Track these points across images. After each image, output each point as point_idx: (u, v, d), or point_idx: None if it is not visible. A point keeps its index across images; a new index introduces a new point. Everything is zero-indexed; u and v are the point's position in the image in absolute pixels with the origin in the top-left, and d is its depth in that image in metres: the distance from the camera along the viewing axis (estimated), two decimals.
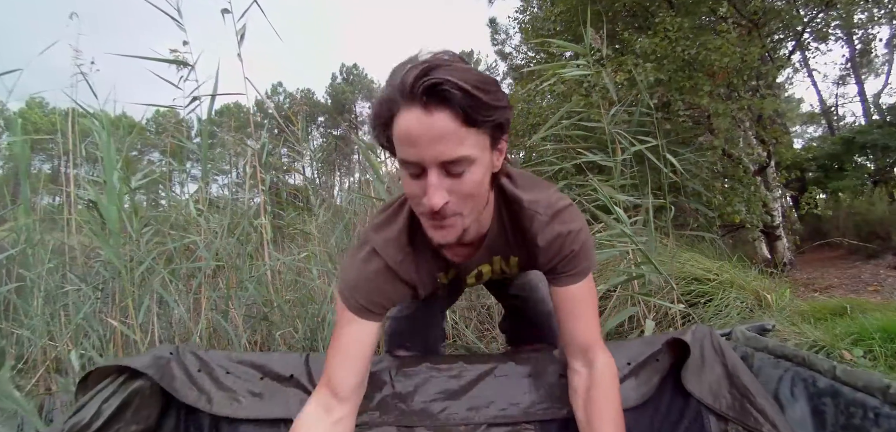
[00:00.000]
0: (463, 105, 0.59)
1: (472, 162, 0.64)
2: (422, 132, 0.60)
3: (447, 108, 0.59)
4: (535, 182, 0.83)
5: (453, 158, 0.62)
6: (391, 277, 0.81)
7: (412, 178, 0.66)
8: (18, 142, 1.88)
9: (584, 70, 2.16)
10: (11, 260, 1.90)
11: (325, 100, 31.55)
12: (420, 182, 0.65)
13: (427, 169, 0.63)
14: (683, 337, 0.90)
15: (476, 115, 0.60)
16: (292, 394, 0.99)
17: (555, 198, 0.80)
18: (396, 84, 0.61)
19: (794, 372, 0.78)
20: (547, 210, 0.78)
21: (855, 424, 0.64)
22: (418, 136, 0.61)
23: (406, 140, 0.62)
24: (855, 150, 7.57)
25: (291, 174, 4.69)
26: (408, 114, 0.61)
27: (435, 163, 0.62)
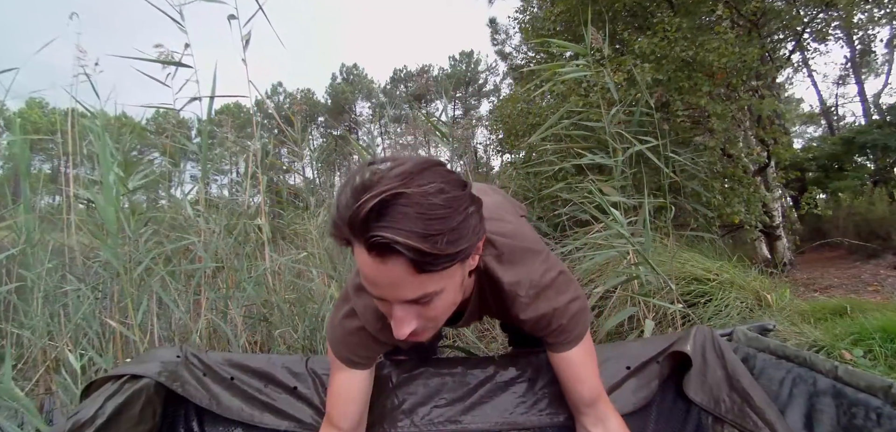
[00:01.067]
0: (415, 260, 0.52)
1: (439, 292, 0.59)
2: (376, 277, 0.56)
3: (397, 256, 0.52)
4: (520, 255, 0.77)
5: (416, 297, 0.58)
6: (371, 339, 0.80)
7: (379, 300, 0.62)
8: (18, 142, 1.88)
9: (583, 70, 2.16)
10: (11, 260, 1.90)
11: (325, 100, 31.54)
12: (385, 304, 0.61)
13: (390, 304, 0.60)
14: (685, 344, 0.90)
15: (429, 267, 0.53)
16: (294, 400, 0.99)
17: (538, 274, 0.75)
18: (346, 215, 0.53)
19: (795, 372, 0.78)
20: (529, 290, 0.74)
21: (857, 425, 0.64)
22: (375, 280, 0.56)
23: (364, 278, 0.58)
24: (855, 150, 7.57)
25: (291, 174, 4.69)
26: (360, 252, 0.55)
27: (397, 301, 0.59)
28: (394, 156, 0.58)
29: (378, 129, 21.53)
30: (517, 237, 0.79)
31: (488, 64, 29.97)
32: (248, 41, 1.89)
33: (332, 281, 2.06)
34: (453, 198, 0.54)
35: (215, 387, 1.00)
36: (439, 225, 0.52)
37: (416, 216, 0.51)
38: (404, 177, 0.52)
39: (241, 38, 1.87)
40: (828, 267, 5.09)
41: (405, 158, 0.56)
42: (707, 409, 0.83)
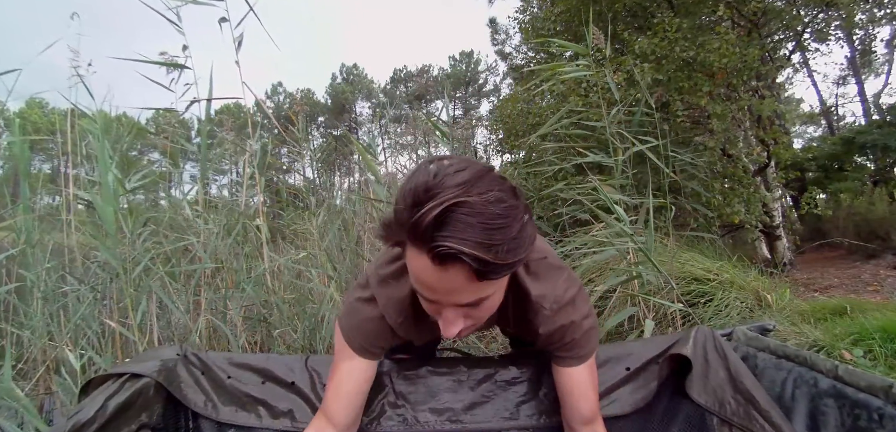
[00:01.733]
0: (476, 268, 0.53)
1: (490, 296, 0.62)
2: (434, 283, 0.57)
3: (460, 265, 0.53)
4: (546, 270, 0.80)
5: (470, 302, 0.61)
6: (388, 331, 0.81)
7: (427, 302, 0.64)
8: (18, 142, 1.87)
9: (584, 70, 2.16)
10: (11, 260, 1.90)
11: (325, 100, 31.55)
12: (435, 307, 0.63)
13: (440, 306, 0.62)
14: (685, 346, 0.90)
15: (490, 275, 0.55)
16: (294, 399, 0.99)
17: (562, 289, 0.78)
18: (406, 222, 0.54)
19: (796, 373, 0.77)
20: (553, 304, 0.77)
21: (860, 426, 0.63)
22: (432, 286, 0.58)
23: (419, 282, 0.60)
24: (855, 150, 7.57)
25: (292, 174, 4.69)
26: (419, 258, 0.56)
27: (451, 305, 0.61)
28: (450, 155, 0.59)
29: (378, 129, 21.54)
30: (543, 252, 0.82)
31: (488, 64, 30.01)
32: (240, 43, 1.89)
33: (332, 281, 2.06)
34: (511, 207, 0.55)
35: (215, 387, 1.00)
36: (500, 235, 0.52)
37: (478, 225, 0.51)
38: (465, 186, 0.53)
39: (233, 41, 1.86)
40: (828, 267, 5.09)
41: (462, 161, 0.56)
42: (712, 411, 0.83)
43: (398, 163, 7.72)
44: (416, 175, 0.55)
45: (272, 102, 29.51)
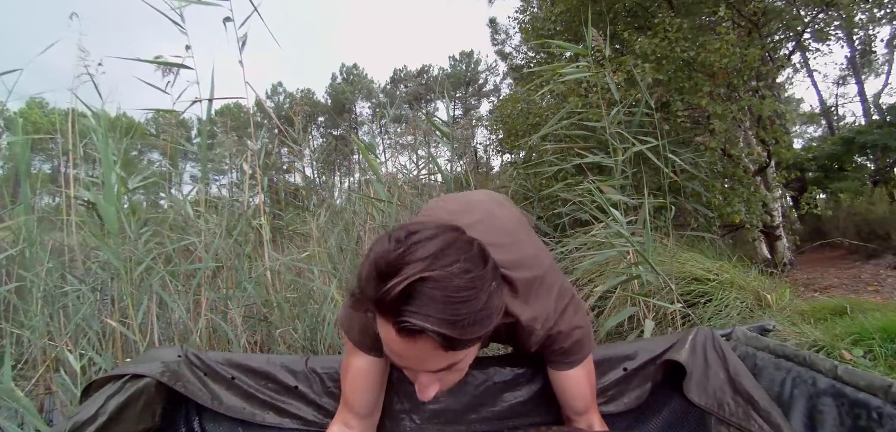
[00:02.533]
0: (442, 342, 0.54)
1: (462, 359, 0.62)
2: (403, 353, 0.58)
3: (426, 338, 0.53)
4: (536, 289, 0.78)
5: (441, 368, 0.61)
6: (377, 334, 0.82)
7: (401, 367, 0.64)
8: (18, 142, 1.88)
9: (583, 70, 2.16)
10: (11, 260, 1.90)
11: (325, 100, 31.55)
12: (410, 372, 0.65)
13: (415, 372, 0.63)
14: (682, 349, 0.90)
15: (457, 347, 0.56)
16: (294, 402, 0.99)
17: (552, 307, 0.77)
18: (372, 294, 0.54)
19: (795, 372, 0.78)
20: (545, 324, 0.77)
21: (860, 426, 0.63)
22: (401, 354, 0.58)
23: (390, 350, 0.60)
24: (855, 150, 7.57)
25: (291, 174, 4.69)
26: (387, 329, 0.56)
27: (423, 372, 0.62)
28: (415, 224, 0.59)
29: (378, 129, 21.55)
30: (534, 266, 0.79)
31: (488, 64, 30.00)
32: (244, 43, 1.89)
33: (334, 278, 2.06)
34: (477, 277, 0.55)
35: (216, 387, 1.00)
36: (465, 308, 0.53)
37: (443, 300, 0.52)
38: (430, 259, 0.53)
39: (237, 40, 1.87)
40: (828, 267, 5.09)
41: (427, 230, 0.56)
42: (710, 411, 0.83)
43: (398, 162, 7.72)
44: (380, 245, 0.56)
45: (272, 102, 29.50)
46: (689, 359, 0.87)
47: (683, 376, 0.89)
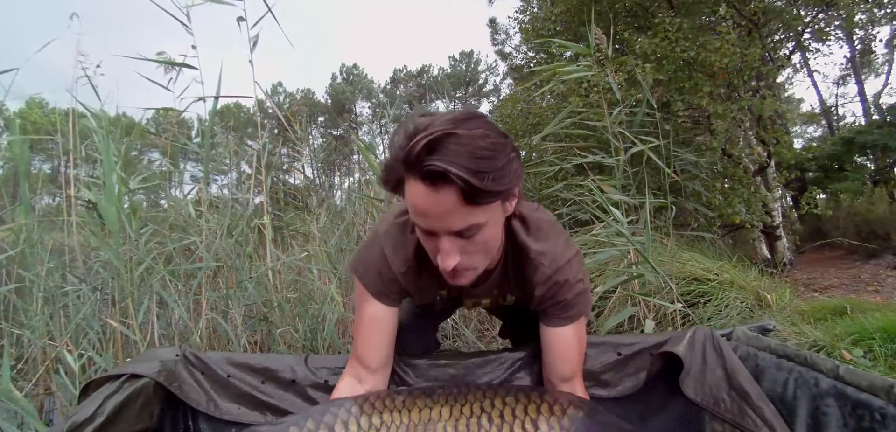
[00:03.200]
0: (465, 190, 0.58)
1: (482, 225, 0.65)
2: (429, 207, 0.62)
3: (451, 186, 0.59)
4: (546, 230, 0.84)
5: (462, 228, 0.64)
6: (393, 278, 0.84)
7: (425, 235, 0.69)
8: (18, 142, 1.87)
9: (585, 70, 2.16)
10: (11, 260, 1.90)
11: (325, 100, 31.54)
12: (433, 240, 0.68)
13: (437, 235, 0.66)
14: (679, 344, 0.90)
15: (479, 200, 0.60)
16: (294, 399, 0.99)
17: (561, 251, 0.82)
18: (400, 153, 0.61)
19: (797, 373, 0.77)
20: (552, 263, 0.80)
21: (863, 427, 0.63)
22: (426, 210, 0.63)
23: (415, 211, 0.65)
24: (855, 150, 7.57)
25: (292, 174, 4.70)
26: (414, 186, 0.62)
27: (445, 232, 0.65)
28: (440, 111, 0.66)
29: (378, 129, 21.55)
30: (543, 215, 0.87)
31: (488, 64, 29.99)
32: (255, 43, 1.90)
33: (334, 278, 2.06)
34: (497, 142, 0.61)
35: (214, 387, 1.00)
36: (486, 164, 0.58)
37: (466, 153, 0.57)
38: (454, 122, 0.59)
39: (248, 40, 1.88)
40: (828, 267, 5.09)
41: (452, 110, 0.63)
42: (706, 408, 0.83)
43: None
44: (407, 122, 0.63)
45: (272, 102, 29.40)
46: (686, 354, 0.87)
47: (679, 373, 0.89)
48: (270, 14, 1.88)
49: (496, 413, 0.71)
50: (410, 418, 0.72)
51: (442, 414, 0.72)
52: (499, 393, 0.75)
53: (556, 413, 0.70)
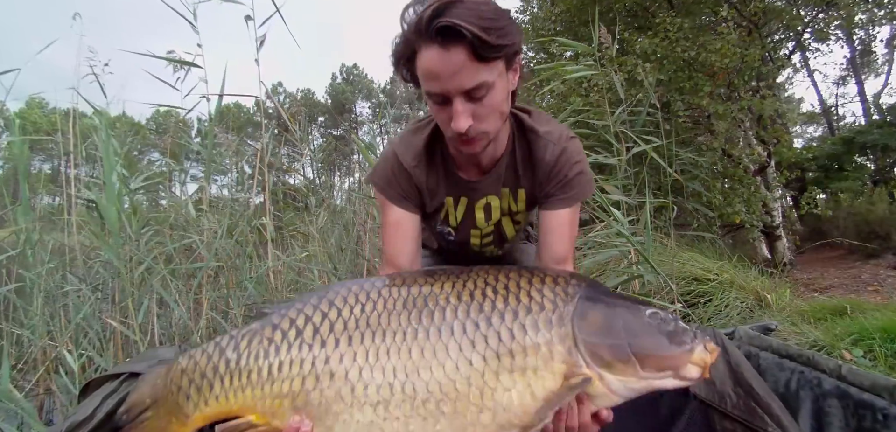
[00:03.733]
0: (474, 45, 0.67)
1: (490, 86, 0.73)
2: (441, 67, 0.70)
3: (461, 42, 0.67)
4: (549, 118, 0.95)
5: (473, 86, 0.71)
6: (406, 175, 0.91)
7: (438, 107, 0.76)
8: (18, 142, 1.87)
9: (589, 69, 2.16)
10: (11, 260, 1.90)
11: (325, 100, 31.54)
12: (446, 109, 0.75)
13: (451, 98, 0.73)
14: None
15: (487, 53, 0.69)
16: None
17: (566, 132, 0.92)
18: (412, 24, 0.70)
19: (799, 372, 0.77)
20: (559, 139, 0.90)
21: (865, 427, 0.63)
22: (439, 71, 0.70)
23: (428, 75, 0.73)
24: (855, 150, 7.57)
25: (291, 174, 4.70)
26: (427, 51, 0.70)
27: (457, 92, 0.72)
28: None
29: (378, 129, 21.53)
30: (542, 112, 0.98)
31: None
32: (262, 42, 1.90)
33: (334, 277, 2.06)
34: (499, 9, 0.71)
35: None
36: (491, 23, 0.68)
37: (473, 13, 0.66)
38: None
39: (255, 39, 1.88)
40: (828, 267, 5.09)
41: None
42: (712, 404, 0.82)
43: None
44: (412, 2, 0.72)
45: (276, 101, 29.40)
46: None
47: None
48: (278, 15, 1.88)
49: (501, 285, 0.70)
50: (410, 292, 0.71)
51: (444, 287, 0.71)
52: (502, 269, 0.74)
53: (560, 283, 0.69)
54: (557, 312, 0.66)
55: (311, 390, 0.69)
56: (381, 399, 0.66)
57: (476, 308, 0.68)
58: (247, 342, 0.73)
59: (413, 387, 0.65)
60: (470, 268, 0.76)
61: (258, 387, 0.71)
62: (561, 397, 0.62)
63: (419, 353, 0.67)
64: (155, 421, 0.74)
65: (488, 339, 0.66)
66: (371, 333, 0.69)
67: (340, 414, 0.67)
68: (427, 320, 0.69)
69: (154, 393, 0.75)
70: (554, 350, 0.64)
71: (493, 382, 0.64)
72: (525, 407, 0.63)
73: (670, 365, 0.63)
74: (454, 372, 0.65)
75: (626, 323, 0.64)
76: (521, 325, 0.66)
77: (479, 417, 0.64)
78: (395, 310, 0.71)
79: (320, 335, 0.70)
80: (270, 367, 0.70)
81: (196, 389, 0.73)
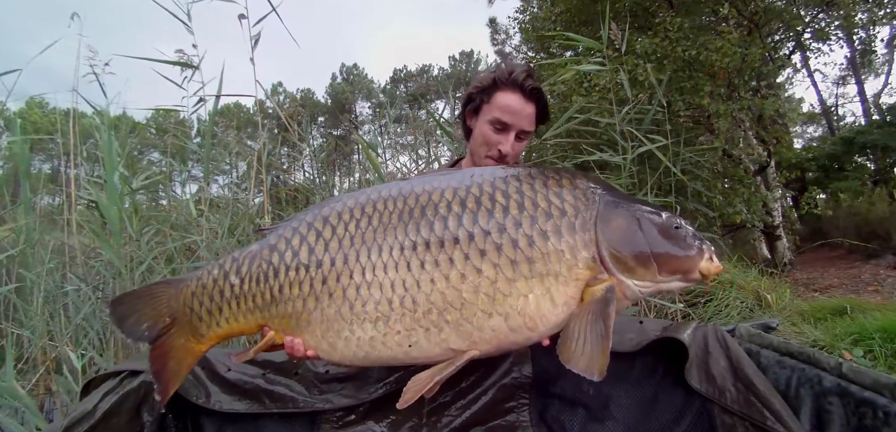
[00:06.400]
0: (541, 111, 1.05)
1: (528, 137, 1.08)
2: (519, 109, 1.02)
3: (535, 105, 1.04)
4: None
5: (525, 131, 1.05)
6: None
7: (496, 130, 1.04)
8: (18, 142, 1.87)
9: (598, 65, 2.17)
10: (11, 260, 1.90)
11: (325, 100, 31.52)
12: (501, 133, 1.04)
13: (510, 130, 1.03)
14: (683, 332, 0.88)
15: (542, 120, 1.08)
16: (295, 385, 0.98)
17: None
18: (505, 73, 1.03)
19: (799, 370, 0.77)
20: None
21: (866, 425, 0.63)
22: (517, 111, 1.02)
23: (505, 108, 1.02)
24: (855, 150, 7.57)
25: (291, 174, 4.71)
26: (512, 94, 1.02)
27: (516, 129, 1.04)
28: None
29: (378, 128, 21.54)
30: None
31: (488, 64, 29.98)
32: (257, 41, 1.89)
33: None
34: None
35: (214, 381, 0.99)
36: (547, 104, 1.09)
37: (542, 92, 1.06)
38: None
39: (249, 38, 1.87)
40: (828, 267, 5.09)
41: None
42: (713, 399, 0.81)
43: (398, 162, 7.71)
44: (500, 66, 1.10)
45: (272, 102, 29.35)
46: (689, 342, 0.86)
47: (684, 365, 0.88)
48: (275, 14, 1.87)
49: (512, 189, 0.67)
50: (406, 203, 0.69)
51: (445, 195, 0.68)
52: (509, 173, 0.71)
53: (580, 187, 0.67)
54: (581, 217, 0.64)
55: (312, 310, 0.69)
56: (381, 314, 0.65)
57: (484, 215, 0.66)
58: (248, 265, 0.73)
59: (412, 300, 0.64)
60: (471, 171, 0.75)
61: (264, 310, 0.72)
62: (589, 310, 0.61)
63: (418, 266, 0.65)
64: (176, 338, 0.78)
65: (503, 247, 0.63)
66: (366, 250, 0.68)
67: (341, 331, 0.67)
68: (426, 231, 0.66)
69: (171, 311, 0.77)
70: (578, 256, 0.62)
71: (506, 288, 0.62)
72: (542, 312, 0.62)
73: (682, 268, 0.63)
74: (459, 282, 0.63)
75: (647, 227, 0.64)
76: (542, 231, 0.63)
77: (488, 322, 0.63)
78: (390, 224, 0.68)
79: (316, 255, 0.70)
80: (271, 291, 0.71)
81: (207, 312, 0.75)
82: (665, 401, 0.92)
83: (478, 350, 0.65)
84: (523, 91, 1.00)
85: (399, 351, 0.66)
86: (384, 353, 0.67)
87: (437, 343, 0.65)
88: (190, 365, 0.79)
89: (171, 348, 0.77)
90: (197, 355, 0.80)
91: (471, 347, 0.65)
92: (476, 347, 0.65)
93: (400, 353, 0.66)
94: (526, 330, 0.63)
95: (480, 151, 1.06)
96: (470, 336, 0.63)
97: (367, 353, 0.67)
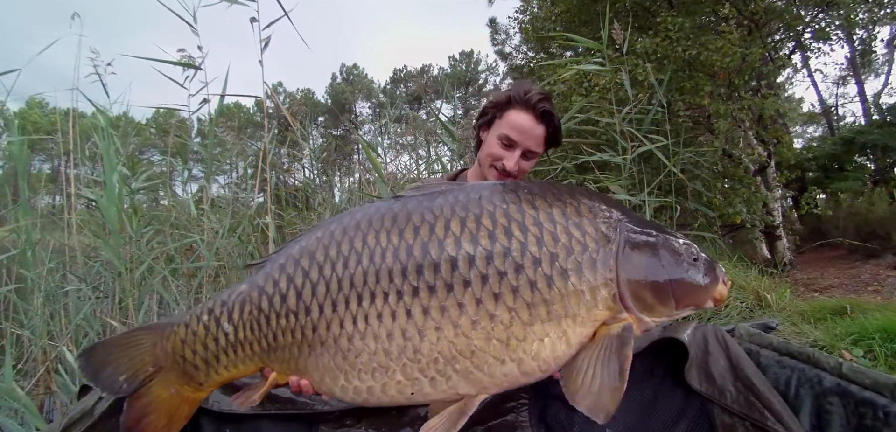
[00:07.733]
0: (551, 134, 1.08)
1: (535, 159, 1.11)
2: (528, 129, 1.05)
3: (546, 128, 1.07)
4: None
5: (533, 152, 1.08)
6: None
7: (504, 146, 1.07)
8: (17, 142, 1.87)
9: (599, 65, 2.17)
10: (11, 260, 1.90)
11: (325, 100, 31.52)
12: (508, 149, 1.07)
13: (517, 147, 1.06)
14: (682, 332, 0.89)
15: (551, 144, 1.11)
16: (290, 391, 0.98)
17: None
18: (520, 92, 1.06)
19: (800, 370, 0.77)
20: None
21: (866, 425, 0.62)
22: (526, 130, 1.05)
23: (516, 126, 1.05)
24: (855, 150, 7.57)
25: (291, 174, 4.71)
26: (523, 113, 1.05)
27: (524, 148, 1.06)
28: None
29: (378, 129, 21.54)
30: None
31: (488, 64, 29.96)
32: (267, 43, 1.89)
33: None
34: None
35: None
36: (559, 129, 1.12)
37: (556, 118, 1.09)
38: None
39: (259, 41, 1.87)
40: (828, 267, 5.09)
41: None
42: (713, 399, 0.81)
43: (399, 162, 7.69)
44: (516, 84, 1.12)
45: (278, 102, 29.35)
46: (689, 342, 0.86)
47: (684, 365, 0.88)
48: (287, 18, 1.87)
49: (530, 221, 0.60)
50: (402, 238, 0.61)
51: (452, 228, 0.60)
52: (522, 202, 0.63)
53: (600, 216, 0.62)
54: (602, 253, 0.59)
55: (307, 356, 0.65)
56: (378, 365, 0.60)
57: (500, 254, 0.58)
58: (238, 312, 0.69)
59: (414, 350, 0.58)
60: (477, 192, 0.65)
61: (263, 356, 0.69)
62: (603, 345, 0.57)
63: (421, 313, 0.58)
64: (164, 388, 0.72)
65: (519, 290, 0.57)
66: (356, 295, 0.61)
67: (337, 379, 0.63)
68: (430, 273, 0.59)
69: (155, 360, 0.72)
70: (598, 296, 0.58)
71: (521, 333, 0.57)
72: (557, 355, 0.58)
73: (697, 301, 0.62)
74: (470, 329, 0.57)
75: (667, 262, 0.60)
76: (562, 270, 0.57)
77: (500, 369, 0.58)
78: (385, 264, 0.61)
79: (303, 301, 0.64)
80: (267, 339, 0.67)
81: (203, 361, 0.71)
82: (665, 401, 0.91)
83: (487, 393, 0.61)
84: (535, 112, 1.03)
85: (401, 398, 0.62)
86: (385, 400, 0.63)
87: (442, 390, 0.60)
88: (187, 414, 0.75)
89: (155, 399, 0.71)
90: (195, 403, 0.75)
91: (480, 392, 0.60)
92: (485, 391, 0.61)
93: (402, 399, 0.62)
94: (538, 373, 0.59)
95: (486, 162, 1.10)
96: (480, 383, 0.59)
97: (366, 399, 0.64)
